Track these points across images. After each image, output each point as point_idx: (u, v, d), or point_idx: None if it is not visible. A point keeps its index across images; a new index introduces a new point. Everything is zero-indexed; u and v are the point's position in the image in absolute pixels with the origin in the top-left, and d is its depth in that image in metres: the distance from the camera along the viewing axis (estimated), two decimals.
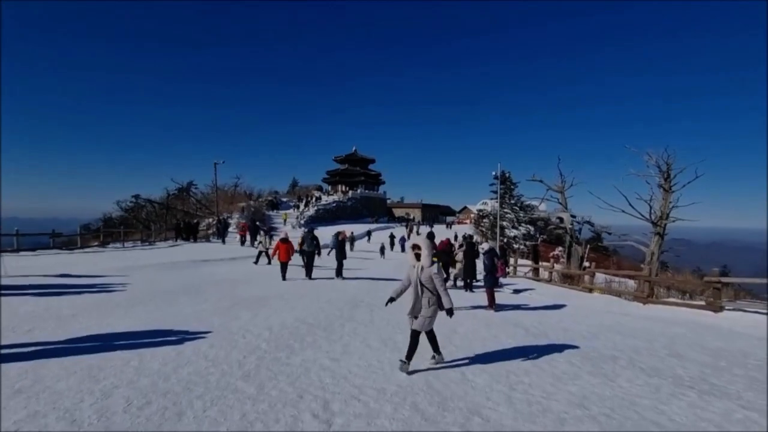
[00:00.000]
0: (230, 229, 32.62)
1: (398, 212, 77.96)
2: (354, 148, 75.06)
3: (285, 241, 12.52)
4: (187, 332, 5.85)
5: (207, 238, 28.39)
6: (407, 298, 5.06)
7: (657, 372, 5.04)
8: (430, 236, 12.69)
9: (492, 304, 8.91)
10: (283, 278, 12.04)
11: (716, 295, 9.84)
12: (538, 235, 50.27)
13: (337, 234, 13.18)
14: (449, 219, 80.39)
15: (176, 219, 29.00)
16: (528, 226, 53.02)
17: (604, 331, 7.56)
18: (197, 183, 46.62)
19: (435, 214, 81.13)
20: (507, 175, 51.15)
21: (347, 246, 32.30)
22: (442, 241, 12.99)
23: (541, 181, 20.72)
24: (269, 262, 15.65)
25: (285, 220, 41.10)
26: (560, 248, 48.25)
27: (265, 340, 5.65)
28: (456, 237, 36.06)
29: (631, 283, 16.02)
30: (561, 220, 21.41)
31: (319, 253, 12.83)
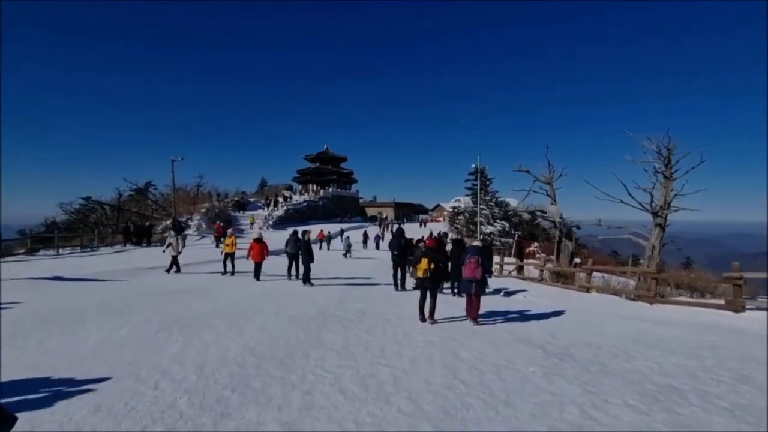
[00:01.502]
0: (188, 232, 30.01)
1: (371, 211, 76.23)
2: (325, 147, 72.90)
3: (259, 240, 12.34)
4: (70, 381, 3.94)
5: (163, 242, 25.76)
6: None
7: (750, 412, 3.57)
8: (399, 232, 11.14)
9: (477, 315, 7.20)
10: (257, 278, 11.99)
11: (737, 293, 8.67)
12: (513, 231, 49.85)
13: (302, 233, 11.34)
14: (422, 217, 79.58)
15: (126, 222, 26.17)
16: (503, 222, 52.66)
17: (631, 344, 6.12)
18: (156, 184, 43.32)
19: (408, 212, 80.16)
20: (483, 170, 50.64)
21: (321, 246, 30.59)
22: (430, 240, 11.42)
23: (527, 172, 19.41)
24: (177, 270, 13.17)
25: (252, 223, 38.48)
26: (535, 244, 47.90)
27: (186, 391, 3.80)
28: (431, 235, 34.70)
29: (618, 279, 14.99)
30: (543, 213, 20.31)
31: (310, 258, 11.10)
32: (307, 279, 11.10)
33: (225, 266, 13.11)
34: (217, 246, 23.91)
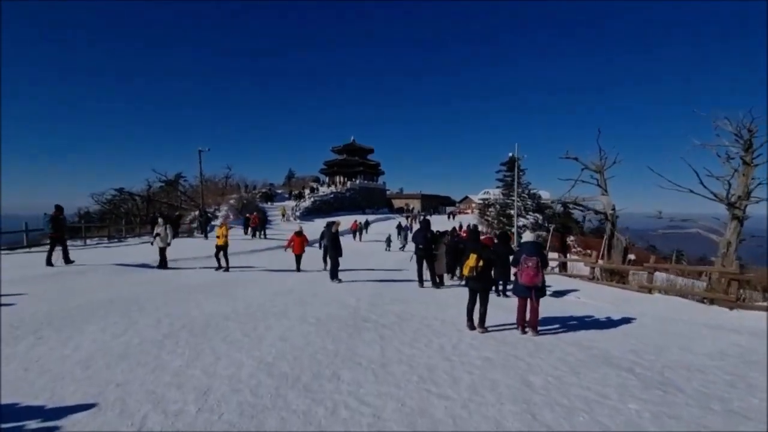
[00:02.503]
0: (216, 223, 29.85)
1: (397, 203, 75.19)
2: (352, 138, 72.21)
3: (299, 234, 12.75)
4: (38, 411, 3.08)
5: (190, 233, 25.62)
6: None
7: None
8: (425, 224, 10.13)
9: (537, 325, 5.97)
10: (298, 269, 12.20)
11: None
12: (546, 224, 47.58)
13: (330, 225, 10.38)
14: (449, 209, 78.05)
15: (153, 212, 26.13)
16: (536, 214, 50.43)
17: (743, 368, 4.83)
18: (186, 175, 43.63)
19: (435, 204, 78.81)
20: (517, 160, 48.44)
21: (356, 237, 29.76)
22: (465, 232, 10.16)
23: (576, 159, 17.71)
24: (165, 265, 11.60)
25: (283, 215, 37.81)
26: (571, 237, 45.49)
27: None
28: (461, 227, 33.42)
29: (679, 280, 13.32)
30: (585, 204, 18.55)
31: (338, 252, 10.31)
32: (335, 275, 10.17)
33: (218, 261, 11.82)
34: (253, 236, 24.49)
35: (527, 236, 6.19)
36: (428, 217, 12.67)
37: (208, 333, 5.30)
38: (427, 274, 10.14)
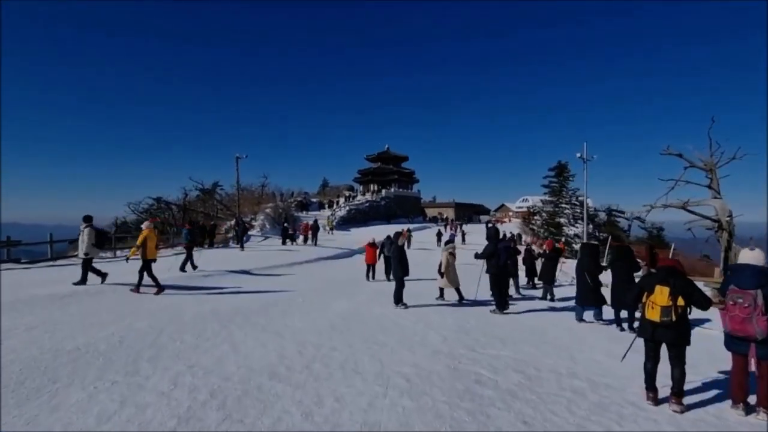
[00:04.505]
0: (253, 233, 28.63)
1: (431, 212, 72.73)
2: (386, 146, 70.95)
3: (372, 245, 13.29)
4: None
5: (226, 243, 24.41)
6: None
7: None
8: (494, 232, 8.12)
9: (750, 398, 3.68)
10: (368, 279, 12.64)
11: None
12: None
13: (396, 235, 8.35)
14: (484, 218, 75.03)
15: (190, 221, 25.12)
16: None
17: None
18: (222, 184, 43.16)
19: (469, 213, 76.24)
20: (565, 165, 45.12)
21: (406, 244, 27.58)
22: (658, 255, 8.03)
23: (679, 156, 14.84)
24: (83, 280, 8.68)
25: (331, 228, 34.28)
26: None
27: None
28: (512, 237, 30.81)
29: None
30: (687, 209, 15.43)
31: (404, 270, 8.38)
32: (399, 299, 8.10)
33: (141, 278, 8.43)
34: (305, 242, 25.14)
35: (746, 255, 3.84)
36: (495, 225, 10.75)
37: (247, 409, 3.36)
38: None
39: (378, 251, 13.14)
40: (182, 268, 12.04)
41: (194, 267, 12.42)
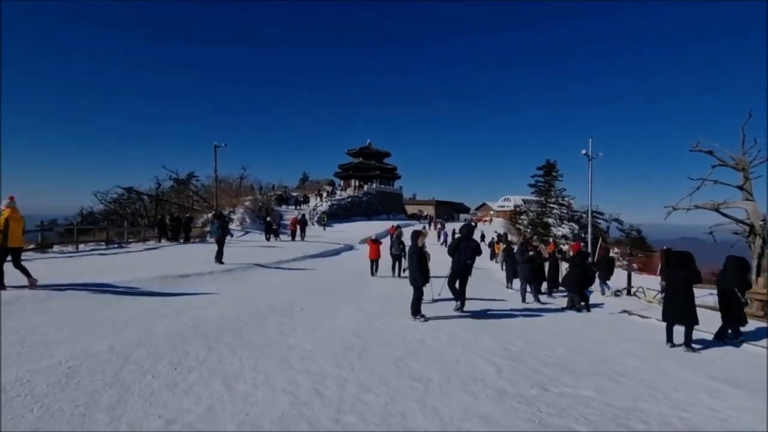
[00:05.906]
0: (233, 227, 26.85)
1: (410, 209, 71.86)
2: (368, 141, 69.73)
3: (375, 241, 13.20)
4: None
5: (203, 238, 22.62)
6: None
7: None
8: (468, 229, 8.23)
9: None
10: (372, 274, 12.65)
11: None
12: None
13: (415, 235, 7.11)
14: (464, 216, 75.01)
15: (162, 213, 23.15)
16: (571, 223, 46.56)
17: None
18: (198, 175, 40.86)
19: (449, 211, 76.06)
20: (553, 165, 44.80)
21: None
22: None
23: (710, 153, 13.95)
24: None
25: (324, 225, 33.16)
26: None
27: None
28: (505, 237, 30.16)
29: None
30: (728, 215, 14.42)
31: (425, 277, 7.14)
32: (417, 310, 6.88)
33: (1, 273, 6.78)
34: (293, 239, 23.64)
35: None
36: (471, 224, 10.35)
37: None
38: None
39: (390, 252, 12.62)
40: (219, 261, 12.29)
41: (221, 261, 12.31)
